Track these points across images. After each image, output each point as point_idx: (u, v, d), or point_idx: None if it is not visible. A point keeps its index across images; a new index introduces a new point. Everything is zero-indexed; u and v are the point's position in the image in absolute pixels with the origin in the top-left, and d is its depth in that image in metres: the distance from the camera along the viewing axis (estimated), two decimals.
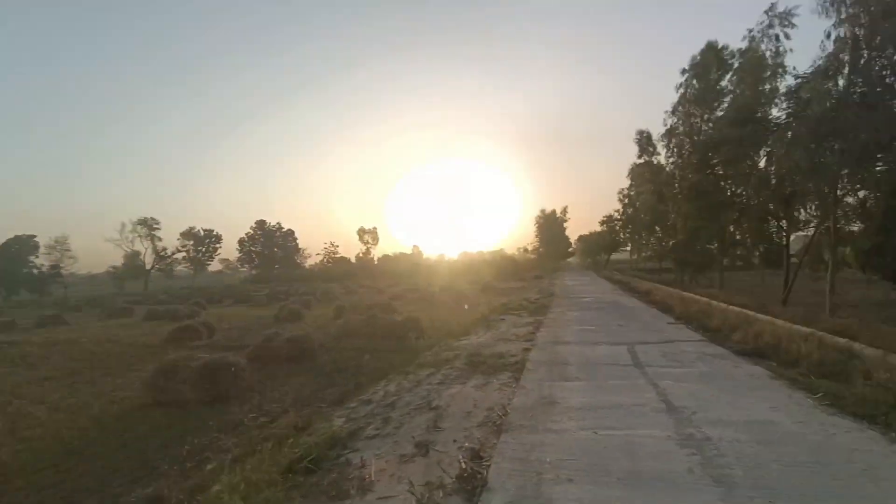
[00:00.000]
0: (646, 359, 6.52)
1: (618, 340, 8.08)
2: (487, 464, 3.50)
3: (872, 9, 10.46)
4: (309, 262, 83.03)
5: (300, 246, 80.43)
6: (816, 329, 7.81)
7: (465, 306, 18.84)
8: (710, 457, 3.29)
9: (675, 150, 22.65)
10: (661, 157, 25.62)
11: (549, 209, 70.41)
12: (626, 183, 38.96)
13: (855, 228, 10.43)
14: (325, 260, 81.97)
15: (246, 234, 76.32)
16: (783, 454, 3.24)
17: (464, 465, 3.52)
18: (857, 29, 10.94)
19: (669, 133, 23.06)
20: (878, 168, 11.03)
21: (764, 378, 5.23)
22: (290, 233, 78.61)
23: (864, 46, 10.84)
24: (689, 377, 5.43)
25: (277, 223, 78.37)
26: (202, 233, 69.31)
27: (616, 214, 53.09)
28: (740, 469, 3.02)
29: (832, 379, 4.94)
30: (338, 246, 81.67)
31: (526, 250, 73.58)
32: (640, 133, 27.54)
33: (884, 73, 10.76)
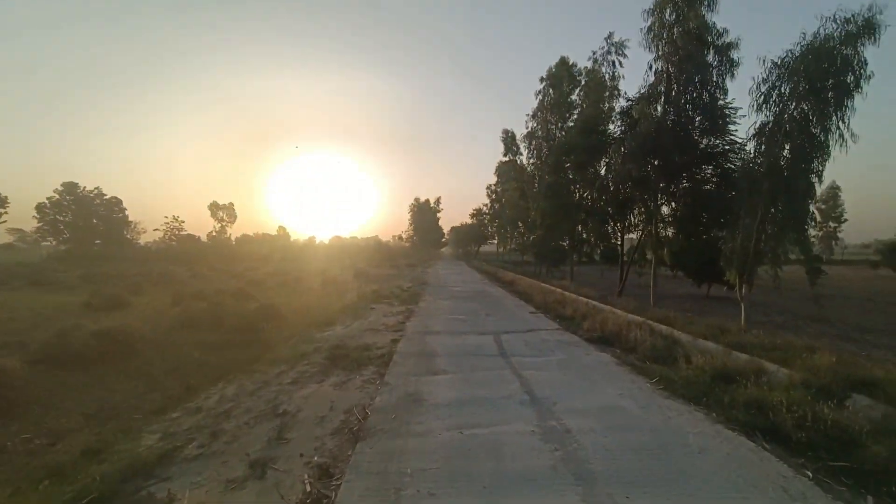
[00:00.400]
0: (510, 348, 6.66)
1: (485, 330, 8.20)
2: (338, 482, 2.90)
3: (679, 55, 12.67)
4: (145, 239, 69.52)
5: (131, 219, 66.58)
6: (646, 318, 9.17)
7: (334, 293, 17.65)
8: (571, 451, 3.25)
9: (535, 151, 24.84)
10: (524, 157, 27.91)
11: (423, 199, 71.75)
12: (494, 179, 41.81)
13: (670, 233, 12.62)
14: (166, 237, 69.75)
15: (48, 198, 60.08)
16: (633, 442, 3.37)
17: (308, 488, 2.87)
18: (669, 66, 13.08)
19: (530, 136, 25.17)
20: (682, 185, 13.48)
21: (611, 364, 5.72)
22: (116, 201, 64.47)
23: (674, 81, 13.03)
24: (549, 366, 5.64)
25: (97, 188, 63.49)
26: None
27: (484, 208, 56.76)
28: (599, 462, 3.02)
29: (663, 363, 5.62)
30: (183, 221, 70.13)
31: (400, 238, 73.91)
32: (506, 132, 29.57)
33: (687, 105, 13.09)
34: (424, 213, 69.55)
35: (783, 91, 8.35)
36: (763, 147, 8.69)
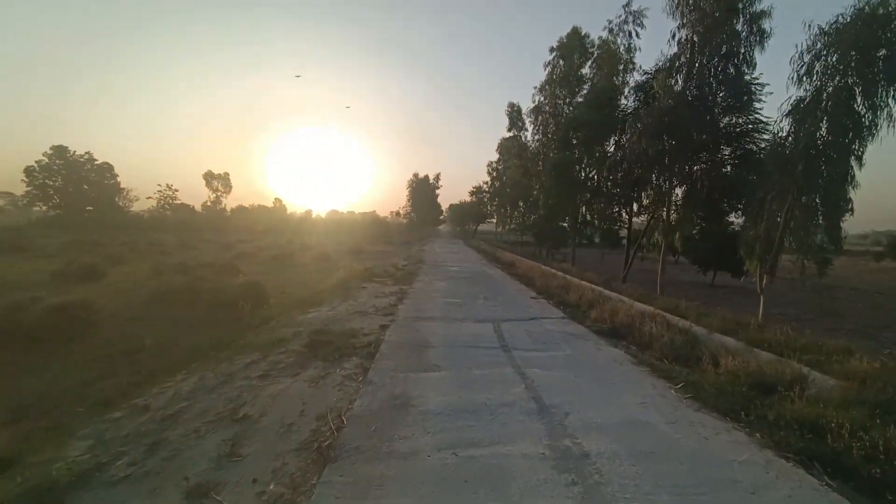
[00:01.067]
0: (512, 340, 5.98)
1: (484, 317, 7.52)
2: None
3: (705, 22, 11.60)
4: (138, 208, 68.19)
5: (123, 185, 65.02)
6: (658, 308, 8.51)
7: (325, 270, 16.91)
8: (593, 485, 2.58)
9: (541, 127, 23.74)
10: (529, 133, 26.80)
11: (423, 174, 70.22)
12: (496, 157, 40.58)
13: (682, 217, 11.83)
14: (160, 206, 68.52)
15: (37, 161, 58.37)
16: (667, 476, 2.70)
17: None
18: (694, 35, 12.02)
19: (537, 110, 24.02)
20: (700, 166, 12.61)
21: (626, 364, 5.04)
22: (108, 167, 62.75)
23: (698, 52, 12.00)
24: (556, 363, 4.96)
25: (87, 153, 61.68)
26: None
27: (485, 186, 55.55)
28: None
29: (684, 363, 4.96)
30: (177, 190, 68.76)
31: (398, 214, 72.80)
32: (512, 106, 28.32)
33: (711, 79, 12.09)
34: (423, 190, 68.16)
35: (830, 61, 7.42)
36: (802, 125, 7.81)
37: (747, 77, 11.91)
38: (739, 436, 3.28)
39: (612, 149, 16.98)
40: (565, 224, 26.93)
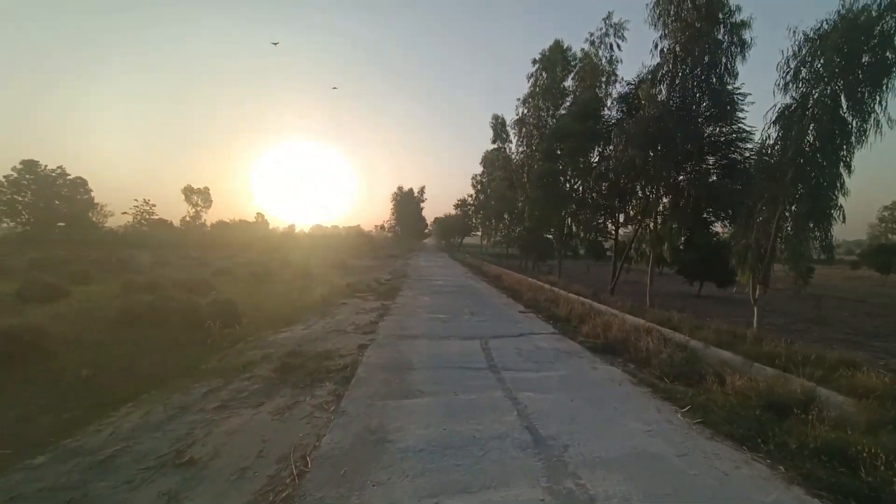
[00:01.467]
0: (501, 359, 5.54)
1: (471, 333, 7.07)
2: None
3: (687, 33, 11.68)
4: (113, 223, 66.03)
5: (97, 201, 63.04)
6: (650, 321, 8.19)
7: (305, 286, 16.27)
8: None
9: (525, 139, 23.74)
10: (513, 144, 26.79)
11: (407, 188, 70.00)
12: (480, 169, 40.59)
13: (669, 227, 11.68)
14: (136, 221, 66.60)
15: (5, 176, 56.24)
16: None
17: None
18: (677, 45, 12.08)
19: (521, 122, 24.04)
20: (686, 175, 12.54)
21: (625, 384, 4.64)
22: (81, 182, 60.86)
23: (680, 62, 12.06)
24: (549, 384, 4.53)
25: (59, 167, 59.78)
26: None
27: (469, 199, 55.51)
28: None
29: (687, 382, 4.60)
30: (154, 205, 67.07)
31: (383, 228, 72.20)
32: (496, 118, 28.33)
33: (694, 89, 12.13)
34: (408, 203, 67.86)
35: (815, 67, 7.37)
36: (789, 132, 7.71)
37: (730, 87, 11.99)
38: (761, 469, 2.89)
39: (596, 160, 16.97)
40: (551, 236, 26.86)
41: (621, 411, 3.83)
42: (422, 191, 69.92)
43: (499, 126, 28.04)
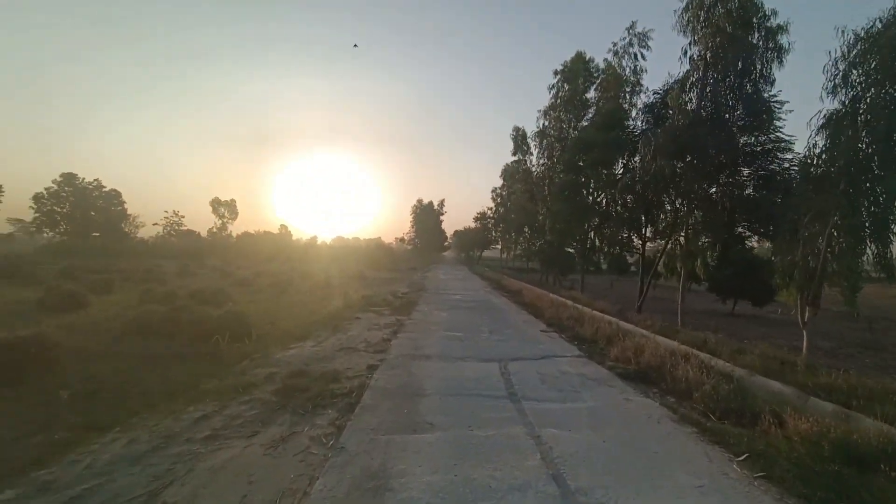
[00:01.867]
0: (522, 385, 5.03)
1: (488, 354, 6.57)
2: None
3: (718, 39, 11.10)
4: (144, 234, 68.51)
5: (130, 212, 65.50)
6: (680, 341, 7.53)
7: (321, 298, 16.07)
8: None
9: (546, 151, 23.28)
10: (534, 156, 26.36)
11: (427, 201, 70.15)
12: (500, 182, 40.21)
13: (701, 242, 10.96)
14: (166, 232, 68.84)
15: (46, 189, 59.09)
16: None
17: None
18: (707, 52, 11.51)
19: (542, 134, 23.63)
20: (720, 187, 11.82)
21: (666, 421, 4.07)
22: (115, 194, 63.45)
23: (711, 69, 11.47)
24: (577, 420, 4.00)
25: (96, 180, 62.52)
26: None
27: (489, 212, 55.08)
28: None
29: (738, 421, 3.99)
30: (183, 217, 69.28)
31: (402, 240, 72.35)
32: (517, 129, 28.00)
33: (726, 96, 11.50)
34: (427, 216, 67.92)
35: (868, 69, 6.72)
36: (837, 139, 7.03)
37: (765, 94, 11.30)
38: None
39: (620, 171, 16.36)
40: (572, 250, 26.08)
41: (664, 458, 3.28)
42: (441, 204, 69.99)
43: (519, 138, 27.69)
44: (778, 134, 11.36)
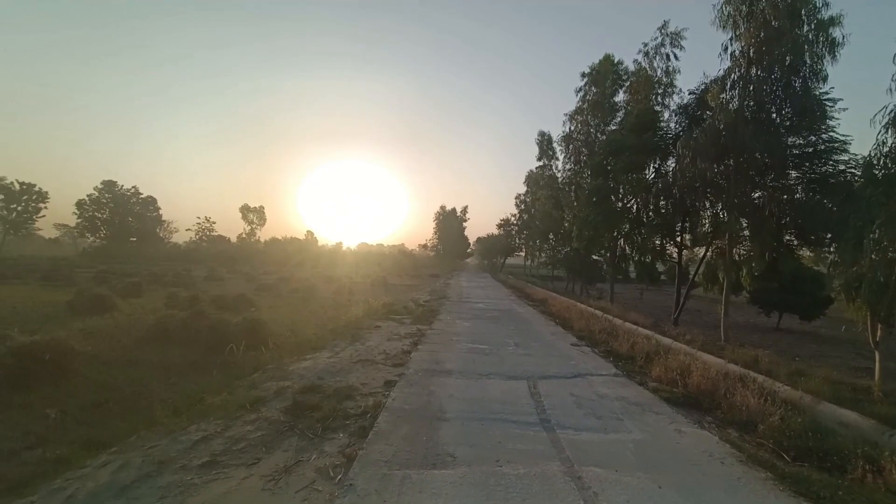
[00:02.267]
0: (555, 410, 4.49)
1: (515, 371, 6.04)
2: None
3: (762, 34, 10.30)
4: (178, 239, 70.97)
5: (164, 218, 67.98)
6: (727, 360, 6.80)
7: (342, 305, 15.85)
8: None
9: (573, 155, 22.58)
10: (560, 162, 25.65)
11: (450, 207, 69.92)
12: (524, 189, 39.52)
13: (746, 250, 10.10)
14: (197, 237, 71.04)
15: (88, 195, 61.97)
16: None
17: None
18: (750, 48, 10.73)
19: (568, 138, 22.95)
20: (761, 193, 10.94)
21: (730, 461, 3.45)
22: (151, 200, 65.98)
23: (755, 65, 10.68)
24: (623, 456, 3.44)
25: (134, 187, 65.16)
26: (17, 186, 53.87)
27: (513, 219, 54.28)
28: None
29: (820, 465, 3.34)
30: (214, 222, 71.39)
31: (425, 247, 72.26)
32: (542, 135, 27.35)
33: (776, 93, 10.66)
34: (450, 222, 67.65)
35: None
36: None
37: (816, 92, 10.40)
38: None
39: (651, 176, 15.56)
40: (599, 258, 25.10)
41: None
42: (464, 210, 69.65)
43: (545, 143, 27.05)
44: (832, 134, 10.43)
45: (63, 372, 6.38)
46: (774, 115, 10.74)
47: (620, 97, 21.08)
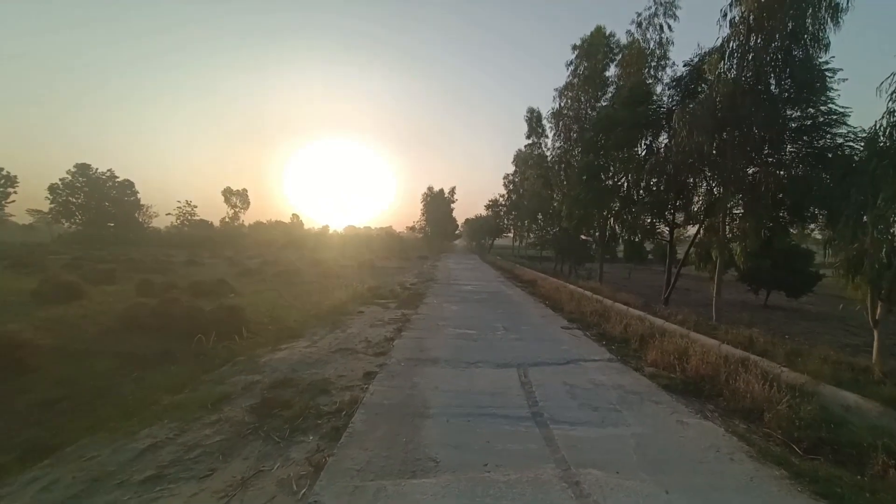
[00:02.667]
0: (547, 401, 4.13)
1: (505, 358, 5.69)
2: None
3: None
4: (158, 223, 68.96)
5: (143, 202, 65.83)
6: (722, 340, 6.55)
7: (326, 289, 15.34)
8: None
9: (563, 132, 22.05)
10: (549, 139, 25.10)
11: (437, 188, 68.95)
12: (512, 169, 38.93)
13: (745, 228, 9.79)
14: (179, 221, 69.20)
15: (60, 179, 59.62)
16: None
17: None
18: (750, 14, 10.23)
19: (558, 115, 22.36)
20: (755, 168, 10.63)
21: (741, 458, 3.13)
22: (128, 184, 63.74)
23: (755, 32, 10.20)
24: (624, 454, 3.10)
25: (109, 170, 62.79)
26: None
27: (501, 199, 53.76)
28: None
29: (836, 459, 3.05)
30: (195, 206, 69.47)
31: (413, 229, 71.49)
32: (531, 111, 26.63)
33: (772, 64, 10.24)
34: (438, 204, 66.82)
35: None
36: None
37: (818, 61, 9.99)
38: None
39: (643, 153, 15.15)
40: (589, 238, 24.86)
41: None
42: (452, 191, 68.74)
43: (534, 120, 26.36)
44: (831, 105, 10.07)
45: (18, 366, 5.84)
46: (774, 87, 10.32)
47: (612, 71, 20.52)
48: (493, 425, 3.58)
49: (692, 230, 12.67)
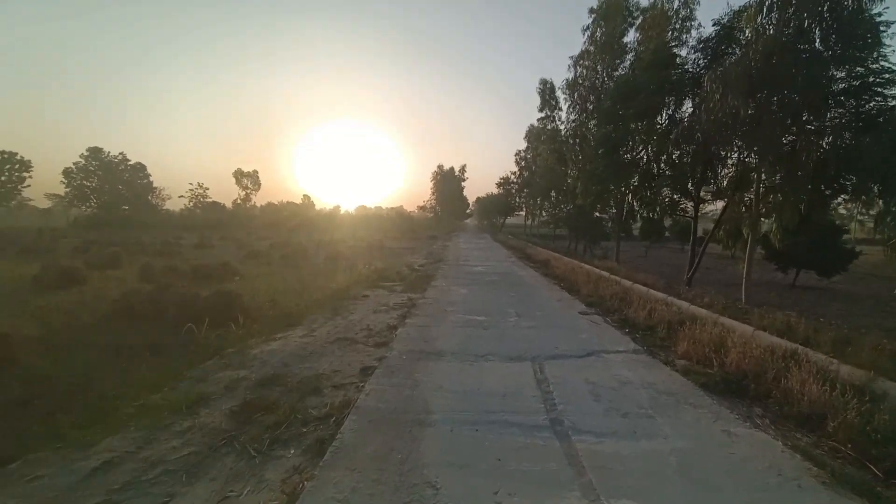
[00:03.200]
0: (568, 404, 3.57)
1: (518, 349, 5.13)
2: None
3: None
4: (171, 206, 69.50)
5: (155, 185, 66.13)
6: (757, 327, 5.87)
7: (331, 271, 14.91)
8: None
9: (578, 105, 20.90)
10: (563, 112, 23.93)
11: (448, 166, 67.73)
12: (524, 145, 37.68)
13: (781, 202, 8.93)
14: (191, 204, 69.60)
15: (74, 163, 60.03)
16: None
17: None
18: None
19: (573, 85, 21.17)
20: (794, 136, 9.65)
21: (812, 486, 2.50)
22: (140, 167, 63.97)
23: None
24: (665, 479, 2.54)
25: (121, 153, 62.98)
26: None
27: (512, 177, 52.48)
28: None
29: None
30: (207, 189, 69.62)
31: (423, 208, 70.74)
32: (544, 83, 25.37)
33: (823, 15, 9.16)
34: (448, 182, 65.75)
35: None
36: None
37: (869, 13, 8.87)
38: None
39: (665, 123, 14.11)
40: (605, 215, 23.89)
41: None
42: (463, 169, 67.50)
43: (547, 92, 25.13)
44: (883, 63, 8.99)
45: (5, 359, 5.50)
46: (818, 43, 9.25)
47: (631, 36, 19.31)
48: (505, 436, 3.04)
49: (713, 207, 11.80)
